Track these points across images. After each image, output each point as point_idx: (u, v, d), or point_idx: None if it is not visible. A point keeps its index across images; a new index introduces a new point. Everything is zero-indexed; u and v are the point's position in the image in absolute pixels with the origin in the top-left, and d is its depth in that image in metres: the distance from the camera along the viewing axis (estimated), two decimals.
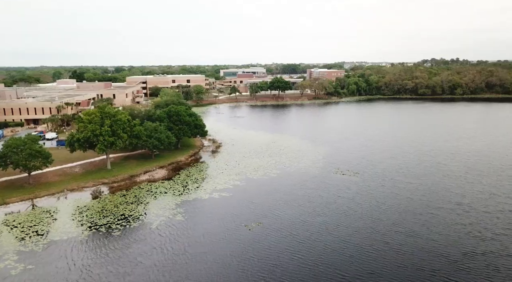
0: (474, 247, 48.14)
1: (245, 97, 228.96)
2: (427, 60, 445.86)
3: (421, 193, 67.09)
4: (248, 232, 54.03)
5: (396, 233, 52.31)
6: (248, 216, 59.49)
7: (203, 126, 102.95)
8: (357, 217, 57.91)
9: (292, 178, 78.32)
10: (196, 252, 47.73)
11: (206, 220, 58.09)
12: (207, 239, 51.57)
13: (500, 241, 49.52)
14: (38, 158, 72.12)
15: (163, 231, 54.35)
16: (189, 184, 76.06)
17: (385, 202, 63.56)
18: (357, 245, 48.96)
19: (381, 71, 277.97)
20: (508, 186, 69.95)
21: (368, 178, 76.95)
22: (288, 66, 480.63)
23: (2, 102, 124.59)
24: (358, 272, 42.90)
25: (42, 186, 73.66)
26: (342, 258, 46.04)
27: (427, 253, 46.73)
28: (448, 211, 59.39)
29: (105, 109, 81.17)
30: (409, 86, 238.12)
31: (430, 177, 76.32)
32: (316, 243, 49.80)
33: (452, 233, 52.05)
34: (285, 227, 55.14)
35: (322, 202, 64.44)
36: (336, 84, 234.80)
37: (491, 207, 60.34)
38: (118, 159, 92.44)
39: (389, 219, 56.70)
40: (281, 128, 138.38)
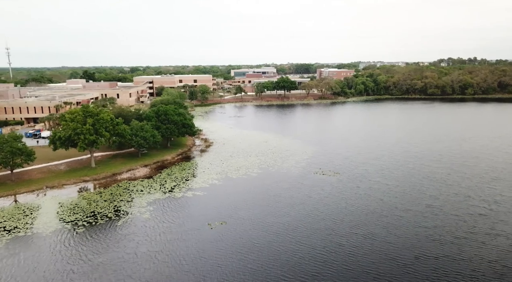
0: (430, 250, 46.94)
1: (251, 97, 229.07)
2: (443, 60, 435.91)
3: (393, 195, 65.80)
4: (209, 231, 54.18)
5: (354, 235, 51.50)
6: (214, 215, 59.62)
7: (191, 125, 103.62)
8: (320, 218, 57.27)
9: (271, 178, 78.02)
10: (147, 251, 48.12)
11: (170, 219, 58.50)
12: (163, 238, 51.93)
13: (458, 245, 48.14)
14: (19, 155, 74.15)
15: (125, 229, 55.04)
16: (167, 182, 76.75)
17: (354, 203, 62.63)
18: (311, 247, 48.42)
19: (391, 71, 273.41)
20: (487, 189, 67.84)
21: (347, 178, 75.97)
22: (301, 66, 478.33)
23: (4, 102, 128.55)
24: (303, 274, 42.44)
25: (24, 183, 75.66)
26: (293, 259, 45.58)
27: (378, 256, 45.85)
28: (415, 213, 58.09)
29: (89, 108, 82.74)
30: (418, 86, 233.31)
31: (409, 178, 74.77)
32: (270, 244, 49.51)
33: (412, 236, 50.89)
34: (247, 227, 55.01)
35: (291, 202, 63.99)
36: (343, 84, 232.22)
37: (461, 210, 58.68)
38: (105, 157, 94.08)
39: (352, 221, 55.86)
40: (277, 128, 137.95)
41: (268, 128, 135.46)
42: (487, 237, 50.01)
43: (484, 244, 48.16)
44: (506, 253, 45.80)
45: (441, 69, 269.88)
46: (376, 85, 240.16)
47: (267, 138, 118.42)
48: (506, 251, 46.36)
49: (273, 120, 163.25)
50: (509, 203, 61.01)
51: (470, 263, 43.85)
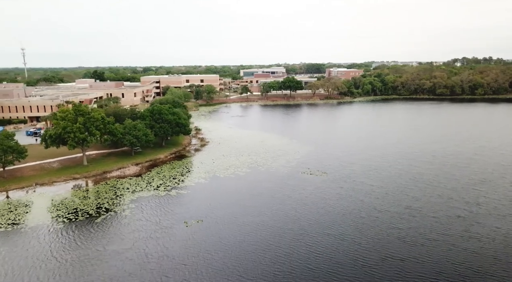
0: (398, 252, 46.36)
1: (256, 96, 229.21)
2: (457, 59, 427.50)
3: (375, 196, 65.09)
4: (183, 229, 54.63)
5: (325, 235, 51.21)
6: (193, 214, 60.10)
7: (185, 125, 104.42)
8: (296, 218, 57.13)
9: (257, 177, 78.17)
10: (116, 249, 48.74)
11: (148, 217, 59.12)
12: (135, 235, 52.59)
13: (428, 246, 47.41)
14: (11, 153, 76.10)
15: (101, 227, 55.90)
16: (154, 181, 77.63)
17: (333, 204, 62.22)
18: (278, 246, 48.35)
19: (400, 71, 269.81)
20: (472, 190, 66.50)
21: (332, 179, 75.47)
22: (312, 66, 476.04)
23: (8, 101, 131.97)
24: (264, 273, 42.49)
25: (15, 180, 77.59)
26: (257, 259, 45.55)
27: (344, 257, 45.54)
28: (392, 214, 57.38)
29: (80, 107, 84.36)
30: (426, 86, 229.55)
31: (395, 179, 73.83)
32: (240, 243, 49.64)
33: (383, 237, 50.33)
34: (221, 226, 55.23)
35: (270, 202, 63.97)
36: (350, 84, 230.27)
37: (440, 212, 57.70)
38: (99, 156, 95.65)
39: (327, 221, 55.54)
40: (277, 128, 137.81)
41: (267, 128, 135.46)
42: (459, 239, 49.11)
43: (454, 246, 47.32)
44: (474, 256, 44.92)
45: (451, 69, 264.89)
46: (384, 85, 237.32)
47: (264, 138, 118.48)
48: (475, 253, 45.46)
49: (274, 120, 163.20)
50: (491, 205, 59.71)
51: (436, 265, 43.16)
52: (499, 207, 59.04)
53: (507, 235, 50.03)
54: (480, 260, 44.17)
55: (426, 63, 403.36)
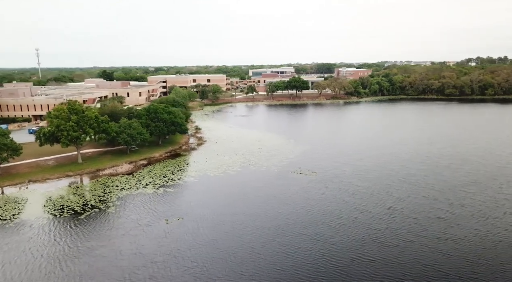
0: (370, 252, 45.91)
1: (262, 96, 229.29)
2: (471, 59, 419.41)
3: (359, 196, 64.49)
4: (162, 227, 55.00)
5: (301, 235, 51.01)
6: (175, 211, 60.56)
7: (181, 124, 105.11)
8: (274, 217, 57.01)
9: (246, 177, 78.32)
10: (91, 245, 49.39)
11: (130, 214, 59.69)
12: (113, 232, 53.28)
13: (402, 248, 46.82)
14: (5, 150, 77.90)
15: (82, 224, 56.57)
16: (144, 179, 78.45)
17: (315, 204, 61.89)
18: (251, 246, 48.28)
19: (408, 71, 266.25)
20: (460, 192, 65.31)
21: (320, 178, 75.04)
22: (323, 66, 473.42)
23: (13, 99, 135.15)
24: (231, 272, 42.59)
25: (9, 177, 79.37)
26: (229, 258, 45.58)
27: (315, 257, 45.25)
28: (373, 215, 56.79)
29: (74, 106, 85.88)
30: (435, 86, 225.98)
31: (383, 180, 72.99)
32: (214, 242, 49.79)
33: (359, 237, 49.86)
34: (200, 224, 55.46)
35: (253, 201, 64.05)
36: (357, 84, 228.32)
37: (422, 213, 56.86)
38: (95, 154, 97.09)
39: (304, 221, 55.26)
40: (277, 127, 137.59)
41: (267, 128, 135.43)
42: (435, 240, 48.35)
43: (427, 247, 46.63)
44: (445, 258, 44.19)
45: (461, 69, 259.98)
46: (392, 85, 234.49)
47: (262, 137, 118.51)
48: (447, 255, 44.72)
49: (277, 119, 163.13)
50: (476, 207, 58.57)
51: (404, 266, 42.63)
52: (484, 209, 57.86)
53: (485, 237, 49.05)
54: (451, 261, 43.43)
55: (438, 63, 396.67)
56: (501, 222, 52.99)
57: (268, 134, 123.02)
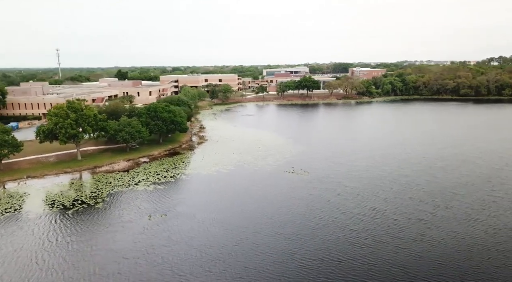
0: (341, 253, 45.51)
1: (273, 96, 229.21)
2: (493, 58, 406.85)
3: (345, 197, 63.87)
4: (142, 223, 55.77)
5: (275, 235, 50.96)
6: (160, 208, 61.39)
7: (181, 123, 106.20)
8: (254, 217, 57.01)
9: (238, 175, 78.72)
10: (69, 240, 50.52)
11: (115, 209, 60.92)
12: (94, 228, 54.48)
13: (374, 249, 46.23)
14: (6, 147, 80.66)
15: (66, 219, 57.80)
16: (138, 176, 79.81)
17: (298, 203, 61.65)
18: (223, 245, 48.42)
19: (423, 70, 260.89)
20: (448, 193, 63.85)
21: (311, 178, 74.65)
22: (339, 65, 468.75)
23: (25, 98, 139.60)
24: (199, 270, 43.07)
25: (10, 172, 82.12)
26: (199, 256, 45.95)
27: (284, 257, 45.19)
28: (354, 215, 56.20)
29: (74, 104, 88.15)
30: (449, 86, 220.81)
31: (373, 180, 72.01)
32: (188, 240, 50.27)
33: (333, 238, 49.46)
34: (179, 221, 56.08)
35: (236, 200, 64.29)
36: (369, 84, 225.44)
37: (404, 214, 55.94)
38: (96, 151, 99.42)
39: (283, 221, 55.13)
40: (281, 127, 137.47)
41: (271, 127, 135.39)
42: (410, 242, 47.55)
43: (400, 248, 45.95)
44: (417, 259, 43.44)
45: (478, 69, 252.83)
46: (405, 85, 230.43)
47: (264, 137, 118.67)
48: (419, 257, 43.94)
49: (283, 119, 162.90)
50: (461, 209, 57.20)
51: (371, 267, 42.14)
52: (469, 211, 56.47)
53: (461, 239, 47.93)
54: (420, 263, 42.67)
55: (458, 63, 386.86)
56: (483, 225, 51.63)
57: (270, 134, 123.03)
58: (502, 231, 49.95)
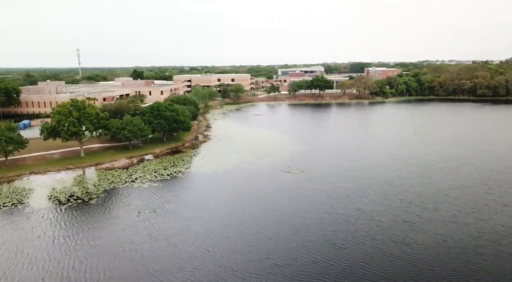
0: (317, 253, 45.29)
1: (284, 96, 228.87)
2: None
3: (334, 197, 63.34)
4: (131, 219, 56.87)
5: (255, 234, 51.04)
6: (151, 204, 62.20)
7: (184, 121, 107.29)
8: (237, 215, 57.17)
9: (232, 174, 79.11)
10: (51, 234, 51.87)
11: (106, 205, 62.27)
12: (79, 224, 55.67)
13: (351, 250, 45.80)
14: (11, 143, 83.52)
15: (57, 214, 59.41)
16: (136, 173, 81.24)
17: (285, 203, 61.54)
18: (202, 243, 48.54)
19: (439, 70, 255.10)
20: (442, 196, 62.53)
21: (305, 178, 74.38)
22: (357, 65, 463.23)
23: (38, 97, 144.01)
24: (170, 268, 43.67)
25: (15, 168, 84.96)
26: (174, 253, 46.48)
27: (260, 256, 45.33)
28: (339, 216, 55.74)
29: (77, 103, 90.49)
30: (466, 87, 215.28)
31: (366, 181, 71.16)
32: (164, 237, 50.79)
33: (313, 238, 49.24)
34: (162, 218, 56.48)
35: (223, 198, 64.46)
36: (382, 84, 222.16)
37: (390, 216, 55.15)
38: (100, 149, 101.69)
39: (266, 220, 55.15)
40: (287, 126, 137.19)
41: (277, 127, 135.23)
42: (390, 244, 46.91)
43: (378, 249, 45.41)
44: (393, 261, 42.83)
45: (497, 68, 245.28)
46: (420, 85, 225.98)
47: (267, 136, 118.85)
48: (396, 259, 43.29)
49: (291, 119, 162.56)
50: (450, 212, 55.98)
51: (345, 268, 41.82)
52: (458, 214, 55.20)
53: (443, 242, 46.95)
54: (396, 265, 42.10)
55: (480, 62, 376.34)
56: (468, 228, 50.43)
57: (275, 134, 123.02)
58: (487, 234, 48.67)
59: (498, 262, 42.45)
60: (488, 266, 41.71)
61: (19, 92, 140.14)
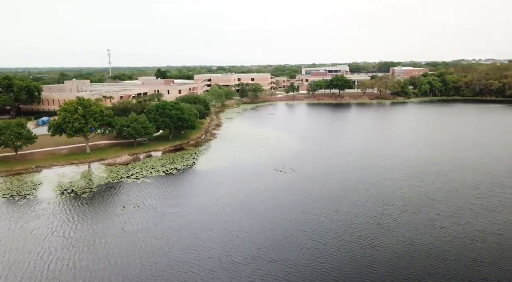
0: (277, 253, 45.35)
1: (303, 95, 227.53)
2: None
3: (315, 197, 62.78)
4: (112, 213, 58.84)
5: (225, 231, 51.58)
6: (137, 199, 63.95)
7: (188, 120, 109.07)
8: (213, 213, 57.79)
9: (225, 172, 79.88)
10: (34, 226, 54.58)
11: (95, 200, 64.64)
12: (62, 216, 58.31)
13: (313, 250, 45.50)
14: (20, 138, 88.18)
15: (46, 207, 62.13)
16: (134, 169, 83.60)
17: (264, 202, 61.49)
18: (170, 239, 49.53)
19: (467, 70, 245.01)
20: (425, 198, 60.62)
21: (294, 178, 74.13)
22: (385, 64, 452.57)
23: (57, 95, 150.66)
24: (137, 263, 45.10)
25: (24, 162, 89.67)
26: (142, 248, 48.01)
27: (221, 253, 45.98)
28: (313, 216, 55.25)
29: (83, 101, 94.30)
30: (494, 87, 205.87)
31: (352, 183, 69.84)
32: (139, 232, 52.36)
33: (279, 237, 49.22)
34: (146, 213, 58.34)
35: (206, 196, 65.42)
36: (404, 84, 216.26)
37: (365, 218, 54.12)
38: (107, 145, 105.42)
39: (238, 218, 55.48)
40: (296, 126, 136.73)
41: (287, 127, 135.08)
42: (354, 245, 46.17)
43: (339, 251, 44.83)
44: (349, 262, 42.22)
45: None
46: (444, 85, 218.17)
47: (273, 136, 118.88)
48: (353, 260, 42.62)
49: (304, 119, 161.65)
50: (429, 215, 54.25)
51: (303, 268, 41.63)
52: (436, 217, 53.45)
53: (410, 246, 45.70)
54: (353, 266, 41.51)
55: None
56: (441, 232, 48.77)
57: (282, 133, 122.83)
58: (458, 239, 46.94)
59: (459, 267, 40.96)
60: (448, 271, 40.35)
61: (40, 91, 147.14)
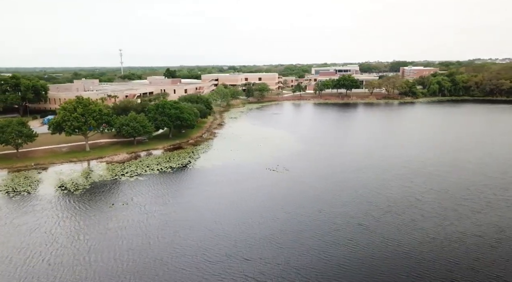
0: (251, 252, 45.51)
1: (310, 95, 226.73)
2: None
3: (301, 196, 62.62)
4: (104, 209, 59.92)
5: (204, 230, 51.96)
6: (125, 198, 64.68)
7: (187, 119, 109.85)
8: (196, 210, 58.25)
9: (218, 171, 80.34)
10: (22, 222, 56.04)
11: (86, 197, 65.67)
12: (52, 213, 59.55)
13: (288, 249, 45.53)
14: (20, 136, 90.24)
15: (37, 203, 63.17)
16: (130, 167, 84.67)
17: (250, 200, 61.72)
18: (149, 236, 50.15)
19: (478, 69, 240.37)
20: (412, 200, 59.81)
21: (285, 177, 74.08)
22: (397, 64, 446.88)
23: (64, 94, 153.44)
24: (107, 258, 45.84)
25: (24, 160, 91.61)
26: (124, 246, 48.78)
27: (197, 252, 46.36)
28: (295, 216, 55.15)
29: (82, 100, 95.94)
30: (505, 87, 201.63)
31: (343, 183, 69.47)
32: (120, 229, 52.94)
33: (258, 236, 49.34)
34: (131, 211, 58.95)
35: (193, 194, 65.91)
36: (412, 84, 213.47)
37: (346, 219, 53.67)
38: (107, 144, 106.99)
39: (221, 217, 55.75)
40: (298, 126, 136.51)
41: (289, 126, 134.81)
42: (329, 245, 45.96)
43: (314, 250, 44.66)
44: (324, 261, 42.09)
45: None
46: (454, 85, 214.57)
47: (273, 135, 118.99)
48: (327, 259, 42.47)
49: (308, 118, 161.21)
50: (412, 216, 53.61)
51: (275, 266, 41.71)
52: (418, 218, 52.76)
53: (386, 246, 45.28)
54: (327, 266, 41.36)
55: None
56: (421, 233, 48.14)
57: (283, 133, 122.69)
58: (437, 240, 46.31)
59: (433, 269, 40.44)
60: (423, 272, 39.89)
61: (47, 90, 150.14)
